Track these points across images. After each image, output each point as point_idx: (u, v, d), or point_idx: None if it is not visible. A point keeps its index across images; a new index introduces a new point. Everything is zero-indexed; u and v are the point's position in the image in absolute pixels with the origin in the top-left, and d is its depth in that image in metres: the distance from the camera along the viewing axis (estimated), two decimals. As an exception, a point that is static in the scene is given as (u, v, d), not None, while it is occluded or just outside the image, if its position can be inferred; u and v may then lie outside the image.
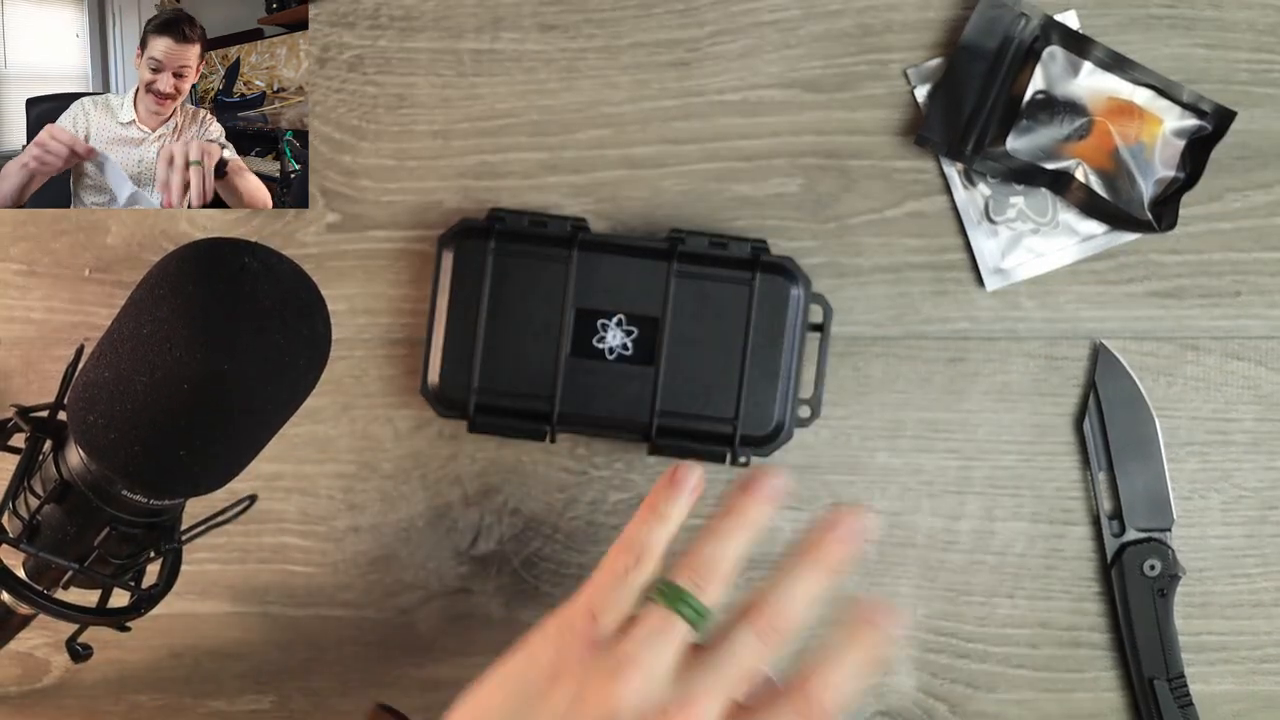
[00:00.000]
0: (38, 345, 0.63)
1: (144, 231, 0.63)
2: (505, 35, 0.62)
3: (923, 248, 0.62)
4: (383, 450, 0.62)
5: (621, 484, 0.62)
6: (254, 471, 0.49)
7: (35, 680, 0.63)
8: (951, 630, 0.62)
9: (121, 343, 0.43)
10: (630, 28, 0.62)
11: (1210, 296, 0.61)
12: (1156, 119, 0.60)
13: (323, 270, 0.62)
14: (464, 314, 0.59)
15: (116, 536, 0.47)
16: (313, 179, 0.62)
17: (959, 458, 0.62)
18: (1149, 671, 0.61)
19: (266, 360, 0.44)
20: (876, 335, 0.62)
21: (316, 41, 0.62)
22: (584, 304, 0.59)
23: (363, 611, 0.63)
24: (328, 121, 0.62)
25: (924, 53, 0.62)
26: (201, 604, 0.63)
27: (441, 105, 0.62)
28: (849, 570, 0.45)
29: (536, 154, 0.62)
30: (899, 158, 0.62)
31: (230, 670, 0.63)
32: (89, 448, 0.44)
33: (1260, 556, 0.62)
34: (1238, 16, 0.61)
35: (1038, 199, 0.61)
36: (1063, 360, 0.62)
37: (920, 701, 0.62)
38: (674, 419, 0.59)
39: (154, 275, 0.44)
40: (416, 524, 0.62)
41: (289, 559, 0.63)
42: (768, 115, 0.62)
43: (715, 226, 0.62)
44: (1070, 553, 0.62)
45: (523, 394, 0.59)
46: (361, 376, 0.62)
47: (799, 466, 0.62)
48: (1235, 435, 0.61)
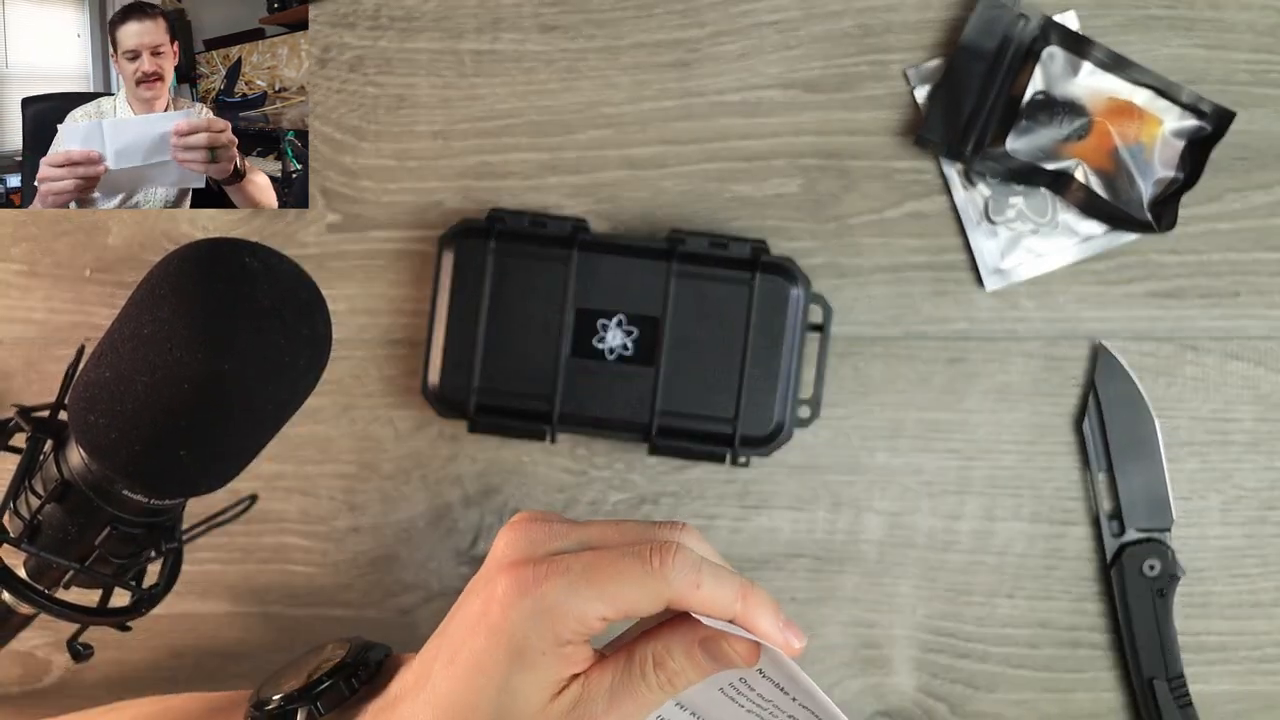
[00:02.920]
0: (38, 345, 0.63)
1: (144, 232, 0.63)
2: (505, 36, 0.62)
3: (923, 248, 0.62)
4: (383, 450, 0.62)
5: (621, 484, 0.62)
6: (254, 471, 0.49)
7: (36, 680, 0.63)
8: (951, 630, 0.62)
9: (122, 343, 0.43)
10: (630, 28, 0.62)
11: (1210, 297, 0.61)
12: (1156, 119, 0.60)
13: (323, 270, 0.62)
14: (464, 314, 0.59)
15: (117, 536, 0.47)
16: (313, 179, 0.62)
17: (959, 458, 0.62)
18: (1148, 671, 0.61)
19: (267, 360, 0.44)
20: (876, 335, 0.62)
21: (317, 42, 0.62)
22: (584, 304, 0.59)
23: (363, 612, 0.63)
24: (328, 122, 0.62)
25: (924, 53, 0.62)
26: (202, 604, 0.63)
27: (442, 106, 0.62)
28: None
29: (537, 154, 0.62)
30: (899, 158, 0.62)
31: (231, 670, 0.63)
32: (90, 447, 0.44)
33: (1260, 557, 0.62)
34: (1237, 17, 0.61)
35: (1037, 199, 0.61)
36: (1062, 360, 0.62)
37: (920, 701, 0.62)
38: (674, 419, 0.59)
39: (155, 275, 0.44)
40: (417, 524, 0.62)
41: (289, 559, 0.63)
42: (768, 116, 0.62)
43: (715, 227, 0.62)
44: (1070, 553, 0.62)
45: (523, 394, 0.59)
46: (362, 377, 0.62)
47: (799, 467, 0.62)
48: (1235, 435, 0.62)
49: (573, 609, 0.38)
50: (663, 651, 0.40)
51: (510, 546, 0.40)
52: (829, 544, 0.62)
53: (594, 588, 0.38)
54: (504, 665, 0.38)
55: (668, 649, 0.40)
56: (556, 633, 0.38)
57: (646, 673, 0.39)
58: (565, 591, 0.38)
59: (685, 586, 0.38)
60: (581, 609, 0.38)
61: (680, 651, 0.39)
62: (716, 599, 0.39)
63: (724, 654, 0.39)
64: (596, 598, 0.38)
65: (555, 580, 0.38)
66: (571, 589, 0.38)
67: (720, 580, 0.39)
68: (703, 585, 0.39)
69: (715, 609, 0.39)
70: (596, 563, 0.39)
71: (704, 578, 0.39)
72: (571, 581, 0.38)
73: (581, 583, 0.38)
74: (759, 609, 0.39)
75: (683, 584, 0.38)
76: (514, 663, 0.38)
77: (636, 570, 0.38)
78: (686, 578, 0.38)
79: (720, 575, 0.39)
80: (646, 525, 0.41)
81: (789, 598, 0.62)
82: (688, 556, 0.39)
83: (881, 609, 0.62)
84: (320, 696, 0.44)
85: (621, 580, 0.38)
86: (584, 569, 0.38)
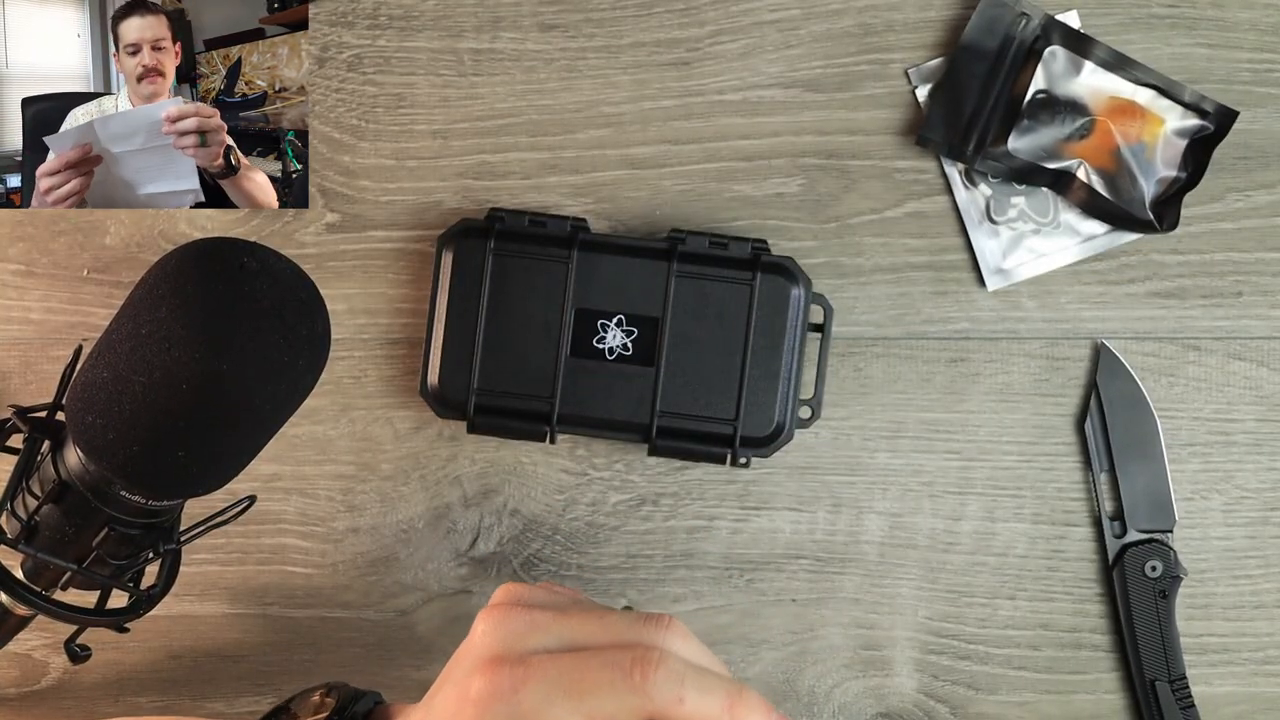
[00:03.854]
0: (36, 346, 0.63)
1: (142, 232, 0.63)
2: (505, 35, 0.62)
3: (923, 248, 0.62)
4: (382, 451, 0.62)
5: (621, 485, 0.62)
6: (253, 472, 0.49)
7: (34, 682, 0.63)
8: (953, 632, 0.62)
9: (120, 343, 0.43)
10: (630, 27, 0.62)
11: (1212, 297, 0.61)
12: (1158, 119, 0.60)
13: (322, 270, 0.62)
14: (464, 314, 0.59)
15: (115, 537, 0.47)
16: (312, 179, 0.62)
17: (960, 458, 0.62)
18: (1150, 673, 0.60)
19: (265, 360, 0.43)
20: (877, 335, 0.62)
21: (316, 41, 0.62)
22: (584, 304, 0.59)
23: (362, 613, 0.63)
24: (327, 121, 0.62)
25: (925, 52, 0.62)
26: (200, 605, 0.63)
27: (441, 105, 0.62)
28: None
29: (536, 154, 0.62)
30: (900, 158, 0.62)
31: (229, 671, 0.63)
32: (87, 448, 0.44)
33: (1262, 557, 0.61)
34: (1240, 16, 0.61)
35: (1039, 199, 0.61)
36: (1064, 360, 0.62)
37: (921, 703, 0.62)
38: (674, 419, 0.59)
39: (153, 275, 0.44)
40: (416, 525, 0.62)
41: (288, 560, 0.63)
42: (768, 115, 0.62)
43: (715, 226, 0.62)
44: (1072, 554, 0.62)
45: (522, 394, 0.59)
46: (361, 377, 0.62)
47: (799, 467, 0.62)
48: (1237, 436, 0.61)
49: (548, 719, 0.37)
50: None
51: (488, 636, 0.39)
52: (829, 545, 0.62)
53: (571, 700, 0.37)
54: None
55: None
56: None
57: None
58: (542, 701, 0.37)
59: (668, 701, 0.37)
60: (557, 719, 0.37)
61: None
62: (702, 712, 0.37)
63: None
64: (574, 711, 0.37)
65: (532, 687, 0.37)
66: (548, 700, 0.37)
67: (705, 692, 0.37)
68: (686, 700, 0.37)
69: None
70: (575, 671, 0.37)
71: (687, 690, 0.37)
72: (548, 692, 0.37)
73: (558, 693, 0.37)
74: (749, 716, 0.38)
75: (665, 699, 0.37)
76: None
77: (617, 683, 0.37)
78: (670, 692, 0.37)
79: (705, 686, 0.37)
80: (631, 622, 0.39)
81: (789, 599, 0.62)
82: (671, 668, 0.37)
83: (882, 610, 0.62)
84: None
85: (600, 693, 0.37)
86: (560, 677, 0.37)
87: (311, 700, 0.46)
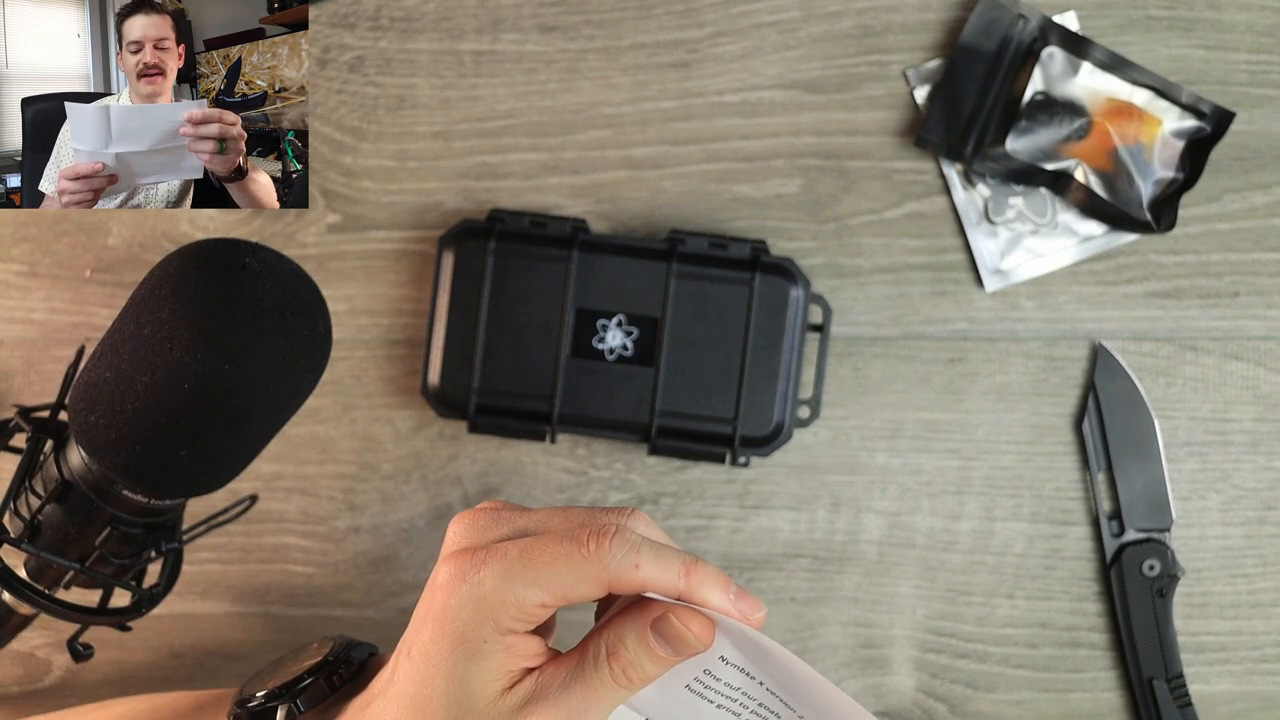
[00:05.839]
0: (39, 346, 0.63)
1: (145, 232, 0.63)
2: (505, 36, 0.62)
3: (922, 248, 0.62)
4: (383, 451, 0.63)
5: (621, 484, 0.62)
6: (255, 471, 0.49)
7: (36, 680, 0.63)
8: (951, 630, 0.62)
9: (122, 343, 0.43)
10: (630, 29, 0.62)
11: (1209, 297, 0.62)
12: (1155, 120, 0.60)
13: (323, 271, 0.62)
14: (464, 314, 0.59)
15: (117, 536, 0.47)
16: (313, 180, 0.62)
17: (958, 458, 0.62)
18: (1148, 672, 0.61)
19: (267, 360, 0.44)
20: (876, 336, 0.62)
21: (317, 43, 0.62)
22: (584, 304, 0.59)
23: (363, 612, 0.63)
24: (328, 122, 0.63)
25: (923, 54, 0.62)
26: (202, 604, 0.63)
27: (442, 106, 0.62)
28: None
29: (536, 155, 0.62)
30: (899, 159, 0.62)
31: (231, 670, 0.63)
32: (90, 448, 0.44)
33: (1259, 557, 0.62)
34: (1237, 18, 0.61)
35: (1037, 200, 0.61)
36: (1062, 361, 0.62)
37: (920, 702, 0.62)
38: (674, 419, 0.59)
39: (155, 276, 0.44)
40: (417, 524, 0.63)
41: (289, 559, 0.63)
42: (767, 116, 0.62)
43: (715, 227, 0.62)
44: (1069, 553, 0.62)
45: (523, 394, 0.59)
46: (362, 377, 0.63)
47: (799, 467, 0.62)
48: (1234, 436, 0.62)
49: (510, 595, 0.37)
50: (615, 640, 0.39)
51: (457, 535, 0.40)
52: (829, 544, 0.62)
53: (530, 572, 0.37)
54: (449, 655, 0.38)
55: (620, 637, 0.39)
56: (496, 620, 0.38)
57: (600, 664, 0.39)
58: (501, 578, 0.37)
59: (623, 568, 0.37)
60: (519, 595, 0.37)
61: (633, 638, 0.38)
62: (658, 578, 0.38)
63: (677, 634, 0.38)
64: (532, 583, 0.37)
65: (492, 566, 0.38)
66: (507, 575, 0.37)
67: (661, 558, 0.38)
68: (642, 565, 0.38)
69: (658, 588, 0.38)
70: (532, 548, 0.38)
71: (643, 558, 0.38)
72: (508, 567, 0.38)
73: (518, 568, 0.38)
74: (705, 582, 0.38)
75: (620, 566, 0.37)
76: (457, 651, 0.38)
77: (572, 554, 0.37)
78: (624, 559, 0.37)
79: (661, 553, 0.38)
80: (592, 511, 0.40)
81: (789, 598, 0.62)
82: (626, 538, 0.38)
83: (881, 609, 0.62)
84: (301, 694, 0.44)
85: (556, 565, 0.37)
86: (520, 555, 0.38)
87: (309, 648, 0.46)
